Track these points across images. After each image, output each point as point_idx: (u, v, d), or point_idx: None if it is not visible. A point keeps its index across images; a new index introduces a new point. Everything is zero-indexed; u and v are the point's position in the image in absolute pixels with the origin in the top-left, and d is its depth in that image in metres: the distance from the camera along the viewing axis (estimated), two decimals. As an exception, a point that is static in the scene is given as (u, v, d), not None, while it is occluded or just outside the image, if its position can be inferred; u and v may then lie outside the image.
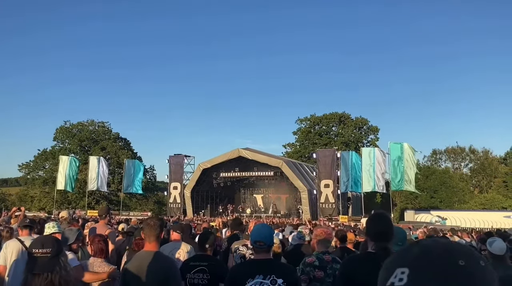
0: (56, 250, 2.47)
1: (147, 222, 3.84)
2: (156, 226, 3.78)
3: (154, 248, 3.78)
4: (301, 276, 4.35)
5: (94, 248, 4.52)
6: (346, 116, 58.95)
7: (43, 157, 55.18)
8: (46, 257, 2.41)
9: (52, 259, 2.43)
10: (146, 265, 3.65)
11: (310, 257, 4.46)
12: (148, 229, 3.75)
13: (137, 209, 48.48)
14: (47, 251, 2.42)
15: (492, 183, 55.26)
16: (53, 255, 2.44)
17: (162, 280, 3.63)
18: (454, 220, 35.05)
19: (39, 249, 2.43)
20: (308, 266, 4.32)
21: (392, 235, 3.00)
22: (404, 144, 28.43)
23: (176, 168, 37.14)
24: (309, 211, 31.39)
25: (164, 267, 3.69)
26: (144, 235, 3.81)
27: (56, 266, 2.43)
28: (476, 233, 14.75)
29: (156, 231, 3.76)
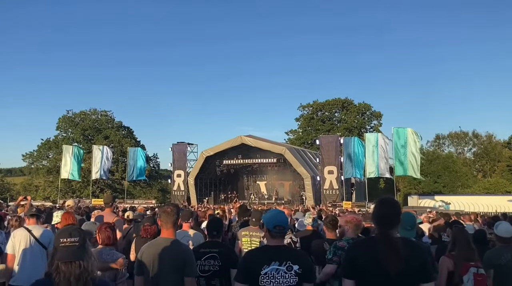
0: (83, 239, 2.51)
1: (164, 209, 3.85)
2: (173, 213, 3.80)
3: (171, 235, 3.80)
4: (333, 258, 4.50)
5: (102, 236, 4.53)
6: (349, 102, 58.68)
7: (47, 146, 55.38)
8: (75, 245, 2.45)
9: (81, 248, 2.47)
10: (164, 252, 3.67)
11: (341, 241, 4.59)
12: (165, 216, 3.77)
13: (141, 197, 48.71)
14: (75, 240, 2.46)
15: (496, 167, 55.14)
16: (81, 244, 2.48)
17: (179, 266, 3.65)
18: (458, 205, 35.05)
19: (67, 238, 2.46)
20: (340, 250, 4.43)
21: (397, 221, 2.96)
22: (408, 129, 28.30)
23: (179, 155, 37.21)
24: (312, 197, 31.47)
25: (181, 253, 3.71)
26: (161, 222, 3.81)
27: (85, 254, 2.48)
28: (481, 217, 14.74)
29: (173, 217, 3.79)
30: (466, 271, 4.38)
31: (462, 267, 4.42)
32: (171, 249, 3.70)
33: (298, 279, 3.12)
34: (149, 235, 6.12)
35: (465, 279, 4.34)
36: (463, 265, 4.43)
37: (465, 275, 4.37)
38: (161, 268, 3.67)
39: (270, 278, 3.11)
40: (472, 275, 4.35)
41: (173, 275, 3.65)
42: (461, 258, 4.49)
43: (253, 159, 36.65)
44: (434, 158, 52.81)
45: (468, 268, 4.39)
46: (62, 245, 2.44)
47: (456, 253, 4.58)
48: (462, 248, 4.55)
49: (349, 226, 4.73)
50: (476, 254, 4.56)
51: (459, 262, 4.46)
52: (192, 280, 3.72)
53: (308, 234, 6.15)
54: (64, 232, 2.53)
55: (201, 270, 4.29)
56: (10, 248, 5.12)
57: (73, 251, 2.43)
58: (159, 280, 3.66)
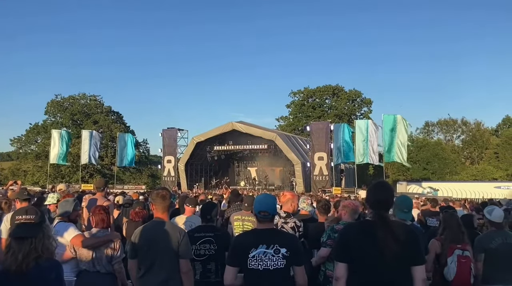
0: (39, 218, 2.52)
1: (158, 193, 3.87)
2: (167, 197, 3.85)
3: (165, 217, 3.83)
4: (327, 241, 4.60)
5: (95, 219, 4.52)
6: (339, 89, 58.81)
7: (35, 131, 54.81)
8: (30, 223, 2.46)
9: (35, 226, 2.47)
10: (158, 234, 3.70)
11: (338, 225, 4.67)
12: (160, 200, 3.81)
13: (131, 183, 48.58)
14: (30, 218, 2.47)
15: (484, 154, 55.86)
16: (36, 222, 2.48)
17: (173, 248, 3.67)
18: (446, 191, 35.47)
19: (23, 215, 2.48)
20: (336, 233, 4.47)
21: (391, 204, 3.02)
22: (397, 115, 28.43)
23: (169, 141, 37.06)
24: (302, 183, 31.64)
25: (175, 235, 3.72)
26: (155, 205, 3.84)
27: (40, 233, 2.46)
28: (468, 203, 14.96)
29: (167, 201, 3.85)
30: (451, 253, 4.48)
31: (448, 249, 4.51)
32: (166, 232, 3.72)
33: (286, 261, 3.16)
34: (140, 219, 6.14)
35: (449, 261, 4.45)
36: (450, 247, 4.52)
37: (450, 256, 4.46)
38: (155, 250, 3.67)
39: (258, 260, 3.15)
40: (456, 257, 4.44)
41: (168, 257, 3.66)
42: (448, 240, 4.59)
43: (244, 145, 36.64)
44: (423, 145, 53.31)
45: (454, 250, 4.48)
46: (17, 222, 2.45)
47: (444, 236, 4.67)
48: (451, 231, 4.64)
49: (345, 210, 4.79)
50: (465, 237, 4.65)
51: (446, 245, 4.56)
52: (187, 262, 3.75)
53: (306, 218, 6.19)
54: (21, 210, 2.55)
55: (197, 254, 4.30)
56: (3, 232, 5.08)
57: (27, 228, 2.43)
58: (153, 262, 3.67)
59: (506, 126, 58.61)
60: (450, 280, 4.43)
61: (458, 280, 4.43)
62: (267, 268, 3.13)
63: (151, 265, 3.67)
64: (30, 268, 2.35)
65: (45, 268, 2.41)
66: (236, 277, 3.27)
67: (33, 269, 2.35)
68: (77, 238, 4.31)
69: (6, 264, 2.35)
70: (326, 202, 5.76)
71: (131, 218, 6.12)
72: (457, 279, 4.41)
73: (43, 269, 2.39)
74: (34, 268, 2.36)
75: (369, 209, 3.04)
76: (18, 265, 2.33)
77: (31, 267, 2.35)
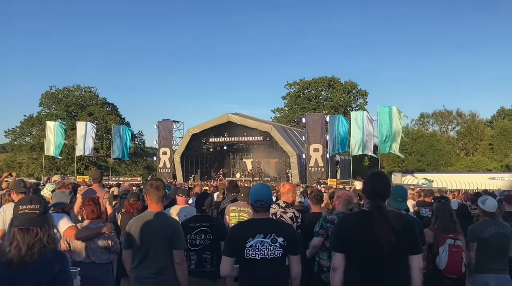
0: (44, 207, 2.44)
1: (152, 184, 3.87)
2: (161, 188, 3.84)
3: (159, 208, 3.84)
4: (320, 230, 4.58)
5: (86, 211, 4.51)
6: (335, 81, 58.75)
7: (30, 122, 54.49)
8: (35, 213, 2.38)
9: (41, 216, 2.39)
10: (152, 225, 3.71)
11: (331, 215, 4.66)
12: (154, 191, 3.81)
13: (127, 174, 48.50)
14: (35, 207, 2.39)
15: (478, 145, 56.18)
16: (41, 212, 2.40)
17: (167, 239, 3.69)
18: (441, 182, 35.66)
19: (27, 205, 2.39)
20: (329, 223, 4.50)
21: (388, 194, 3.04)
22: (393, 107, 28.48)
23: (165, 133, 36.99)
24: (298, 175, 31.72)
25: (169, 226, 3.75)
26: (149, 196, 3.84)
27: (45, 223, 2.39)
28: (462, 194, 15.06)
29: (161, 192, 3.84)
30: (443, 242, 4.52)
31: (440, 239, 4.56)
32: (159, 222, 3.74)
33: (283, 251, 3.18)
34: (135, 210, 6.14)
35: (441, 250, 4.50)
36: (442, 236, 4.57)
37: (441, 246, 4.51)
38: (149, 241, 3.69)
39: (255, 250, 3.17)
40: (447, 246, 4.49)
41: (162, 248, 3.68)
42: (440, 230, 4.63)
43: (240, 137, 36.61)
44: (419, 136, 53.48)
45: (445, 240, 4.53)
46: (21, 212, 2.38)
47: (437, 225, 4.72)
48: (443, 221, 4.69)
49: (339, 200, 4.79)
50: (457, 226, 4.69)
51: (438, 234, 4.60)
52: (180, 253, 3.77)
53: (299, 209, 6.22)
54: (24, 200, 2.46)
55: (192, 244, 4.32)
56: (0, 223, 5.07)
57: (32, 218, 2.36)
58: (147, 253, 3.69)
59: (500, 117, 58.84)
60: (442, 268, 4.49)
61: (449, 269, 4.49)
62: (265, 258, 3.15)
63: (145, 256, 3.69)
64: (34, 259, 2.28)
65: (50, 260, 2.33)
66: (233, 268, 3.29)
67: (37, 261, 2.28)
68: (70, 229, 4.30)
69: (9, 256, 2.28)
70: (318, 192, 5.78)
71: (126, 209, 6.13)
72: (448, 267, 4.47)
73: (47, 261, 2.32)
74: (38, 260, 2.29)
75: (365, 199, 3.05)
76: (22, 256, 2.26)
77: (35, 259, 2.28)
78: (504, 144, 50.81)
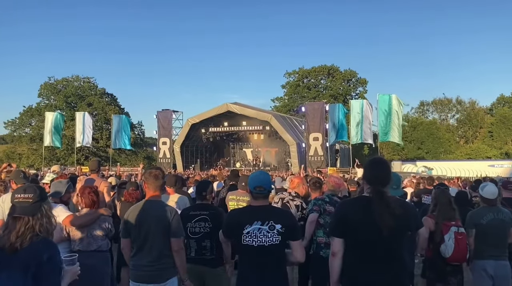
0: (38, 196, 2.46)
1: (151, 172, 3.89)
2: (160, 176, 3.87)
3: (157, 197, 3.86)
4: (313, 207, 4.93)
5: (85, 201, 4.51)
6: (335, 69, 58.53)
7: (29, 113, 54.42)
8: (28, 202, 2.41)
9: (34, 204, 2.42)
10: (150, 213, 3.73)
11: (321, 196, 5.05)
12: (153, 179, 3.83)
13: (127, 165, 48.54)
14: (28, 196, 2.43)
15: (478, 133, 56.13)
16: (35, 201, 2.43)
17: (165, 227, 3.71)
18: (440, 170, 35.73)
19: (21, 194, 2.44)
20: (320, 200, 4.85)
21: (389, 180, 3.03)
22: (392, 95, 28.43)
23: (164, 123, 36.94)
24: (298, 164, 31.68)
25: (167, 215, 3.75)
26: (147, 184, 3.86)
27: (38, 212, 2.42)
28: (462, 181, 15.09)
29: (160, 181, 3.88)
30: (447, 230, 4.52)
31: (443, 226, 4.55)
32: (157, 211, 3.75)
33: (281, 237, 3.17)
34: (134, 199, 6.14)
35: (446, 238, 4.48)
36: (444, 224, 4.57)
37: (446, 234, 4.50)
38: (147, 229, 3.70)
39: (252, 237, 3.17)
40: (453, 234, 4.49)
41: (159, 236, 3.70)
42: (441, 217, 4.63)
43: (239, 126, 36.56)
44: (418, 124, 53.43)
45: (449, 227, 4.53)
46: (16, 201, 2.42)
47: (437, 213, 4.71)
48: (443, 208, 4.69)
49: (326, 184, 5.26)
50: (456, 213, 4.69)
51: (440, 222, 4.60)
52: (178, 241, 3.79)
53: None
54: (19, 189, 2.50)
55: (192, 232, 4.34)
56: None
57: (24, 207, 2.40)
58: (145, 241, 3.71)
59: (500, 105, 58.66)
60: (448, 256, 4.48)
61: (455, 256, 4.48)
62: (262, 244, 3.15)
63: (143, 244, 3.71)
64: (24, 246, 2.32)
65: (38, 248, 2.35)
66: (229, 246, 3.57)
67: (27, 248, 2.32)
68: (68, 218, 4.30)
69: (2, 242, 2.34)
70: (317, 179, 5.80)
71: (125, 198, 6.13)
72: (454, 255, 4.46)
73: (35, 248, 2.34)
74: (28, 247, 2.32)
75: (366, 185, 3.05)
76: (12, 243, 2.31)
77: (25, 246, 2.32)
78: (503, 131, 50.79)
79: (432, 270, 4.74)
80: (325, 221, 4.86)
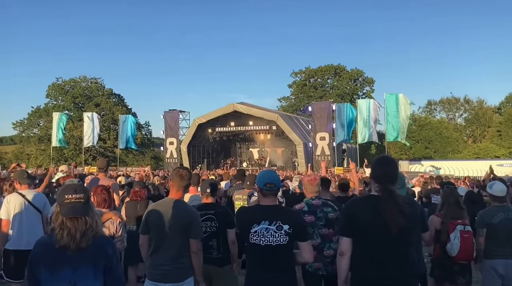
0: (87, 196, 2.49)
1: (177, 171, 3.90)
2: (187, 177, 3.87)
3: (179, 196, 3.86)
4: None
5: (97, 199, 4.51)
6: (341, 68, 58.34)
7: (37, 114, 54.82)
8: (81, 202, 2.42)
9: (86, 204, 2.45)
10: (171, 212, 3.71)
11: (299, 204, 4.52)
12: (178, 179, 3.82)
13: (134, 165, 48.71)
14: (80, 196, 2.43)
15: (486, 132, 55.75)
16: (86, 201, 2.46)
17: (185, 227, 3.70)
18: (448, 170, 35.48)
19: (73, 194, 2.42)
20: None
21: (397, 178, 3.02)
22: (400, 94, 28.28)
23: (171, 123, 37.05)
24: (304, 163, 31.61)
25: (188, 215, 3.76)
26: (172, 183, 3.87)
27: (90, 211, 2.47)
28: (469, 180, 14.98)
29: (185, 182, 3.85)
30: (453, 229, 4.49)
31: (449, 225, 4.52)
32: (179, 210, 3.74)
33: (289, 238, 3.16)
34: (139, 198, 6.15)
35: (452, 237, 4.46)
36: (450, 223, 4.53)
37: (452, 232, 4.47)
38: (167, 228, 3.69)
39: (260, 236, 3.16)
40: (458, 232, 4.46)
41: (178, 235, 3.69)
42: (448, 216, 4.60)
43: (246, 126, 36.58)
44: (426, 123, 53.14)
45: (455, 226, 4.49)
46: (67, 201, 2.41)
47: (444, 212, 4.69)
48: (451, 207, 4.65)
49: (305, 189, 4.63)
50: (464, 212, 4.66)
51: (446, 221, 4.57)
52: (197, 242, 3.78)
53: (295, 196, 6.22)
54: (69, 188, 2.47)
55: None
56: (4, 213, 5.10)
57: (79, 207, 2.41)
58: (164, 239, 3.70)
59: (509, 104, 58.15)
60: (454, 255, 4.45)
61: (461, 255, 4.45)
62: (269, 244, 3.13)
63: (162, 243, 3.70)
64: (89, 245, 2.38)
65: (102, 244, 2.45)
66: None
67: (91, 246, 2.39)
68: None
69: (62, 243, 2.35)
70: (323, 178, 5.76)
71: (130, 197, 6.15)
72: (460, 253, 4.44)
73: (100, 245, 2.43)
74: (92, 245, 2.40)
75: (374, 184, 3.04)
76: (77, 243, 2.34)
77: (89, 244, 2.38)
78: (512, 130, 50.39)
79: (440, 269, 4.72)
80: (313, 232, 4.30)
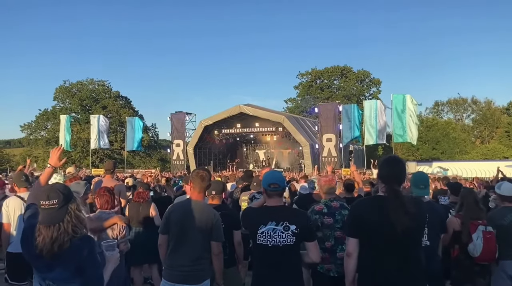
0: (63, 200, 2.42)
1: (198, 173, 3.86)
2: (207, 178, 3.83)
3: (201, 198, 3.83)
4: None
5: (100, 201, 4.52)
6: (348, 69, 58.26)
7: (45, 117, 55.23)
8: (53, 208, 2.39)
9: (60, 210, 2.41)
10: (193, 213, 3.69)
11: (318, 204, 4.52)
12: (198, 180, 3.79)
13: (141, 167, 48.90)
14: (53, 202, 2.39)
15: (494, 133, 55.34)
16: (61, 206, 2.41)
17: (206, 229, 3.68)
18: (456, 171, 35.18)
19: (46, 200, 2.40)
20: (317, 214, 4.39)
21: (404, 178, 3.00)
22: (406, 95, 28.15)
23: (178, 125, 37.14)
24: (311, 165, 31.54)
25: (210, 217, 3.72)
26: (192, 184, 3.82)
27: (66, 216, 2.41)
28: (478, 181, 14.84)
29: (205, 183, 3.83)
30: (475, 230, 4.42)
31: (470, 226, 4.45)
32: (201, 212, 3.71)
33: (296, 238, 3.15)
34: (142, 200, 6.14)
35: (475, 237, 4.39)
36: (472, 224, 4.46)
37: (474, 233, 4.40)
38: (188, 229, 3.67)
39: (267, 237, 3.16)
40: (481, 233, 4.39)
41: (199, 237, 3.66)
42: (468, 217, 4.52)
43: (252, 128, 36.57)
44: (433, 124, 52.84)
45: (477, 226, 4.43)
46: (42, 207, 2.41)
47: (463, 213, 4.62)
48: (470, 208, 4.59)
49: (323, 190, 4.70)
50: (484, 213, 4.61)
51: (467, 222, 4.50)
52: (218, 245, 3.76)
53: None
54: (43, 194, 2.44)
55: None
56: (4, 217, 5.09)
57: (51, 214, 2.39)
58: (185, 241, 3.67)
59: (517, 104, 57.81)
60: (477, 255, 4.37)
61: (484, 256, 4.37)
62: (276, 245, 3.13)
63: (182, 244, 3.68)
64: (64, 249, 2.36)
65: (78, 247, 2.40)
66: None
67: (68, 248, 2.37)
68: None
69: (39, 248, 2.36)
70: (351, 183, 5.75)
71: (134, 199, 6.14)
72: (483, 254, 4.36)
73: (76, 248, 2.40)
74: (69, 247, 2.38)
75: (381, 184, 3.01)
76: (49, 249, 2.34)
77: (65, 248, 2.36)
78: (521, 131, 50.00)
79: (459, 270, 4.63)
80: (324, 234, 4.33)
